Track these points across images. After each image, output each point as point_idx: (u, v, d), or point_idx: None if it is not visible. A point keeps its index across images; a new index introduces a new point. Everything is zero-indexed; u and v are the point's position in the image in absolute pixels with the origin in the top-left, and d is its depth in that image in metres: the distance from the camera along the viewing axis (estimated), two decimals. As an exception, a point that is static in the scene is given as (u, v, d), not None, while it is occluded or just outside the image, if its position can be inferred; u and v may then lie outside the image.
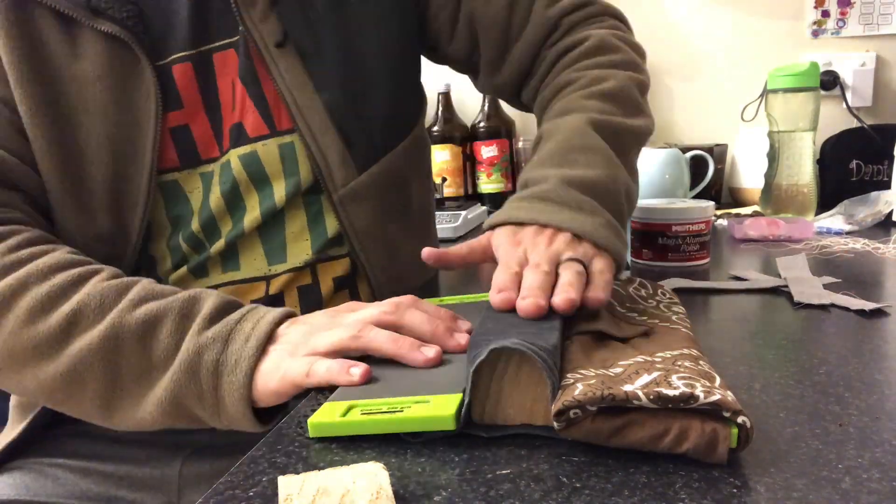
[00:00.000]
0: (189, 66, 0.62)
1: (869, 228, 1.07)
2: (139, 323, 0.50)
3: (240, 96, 0.63)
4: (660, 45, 1.55)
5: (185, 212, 0.65)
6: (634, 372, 0.39)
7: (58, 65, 0.60)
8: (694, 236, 0.82)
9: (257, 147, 0.63)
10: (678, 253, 0.82)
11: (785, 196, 1.17)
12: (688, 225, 0.81)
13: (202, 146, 0.64)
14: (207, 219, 0.64)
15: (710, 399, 0.35)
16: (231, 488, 0.36)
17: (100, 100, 0.60)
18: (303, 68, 0.63)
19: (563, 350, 0.44)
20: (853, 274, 0.77)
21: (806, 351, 0.52)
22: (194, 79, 0.63)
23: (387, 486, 0.32)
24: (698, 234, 0.82)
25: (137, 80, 0.61)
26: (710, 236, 0.84)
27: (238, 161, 0.63)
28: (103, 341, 0.50)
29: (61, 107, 0.60)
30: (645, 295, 0.58)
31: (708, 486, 0.33)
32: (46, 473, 0.64)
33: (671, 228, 0.82)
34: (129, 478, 0.64)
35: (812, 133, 1.16)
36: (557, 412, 0.36)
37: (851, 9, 1.45)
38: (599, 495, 0.33)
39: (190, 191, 0.65)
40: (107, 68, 0.60)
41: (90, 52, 0.60)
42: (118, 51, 0.60)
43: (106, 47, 0.60)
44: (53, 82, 0.59)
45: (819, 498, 0.32)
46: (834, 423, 0.40)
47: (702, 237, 0.83)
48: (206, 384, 0.49)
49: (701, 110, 1.56)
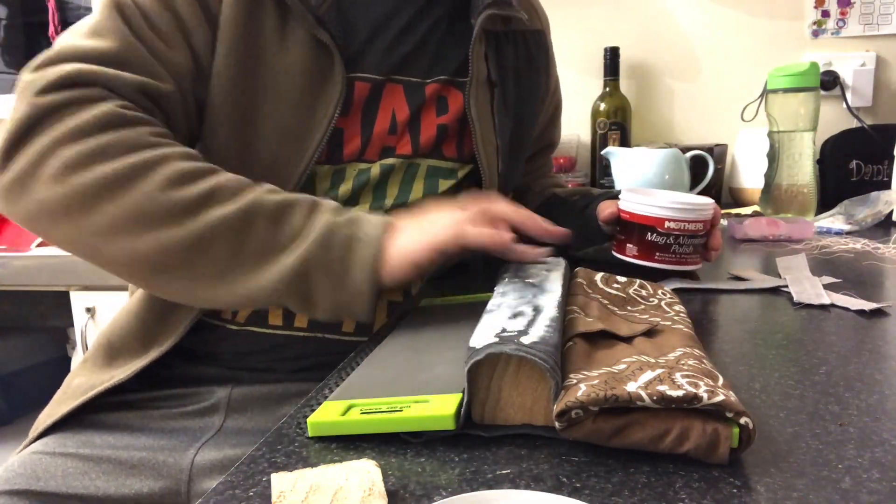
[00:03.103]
0: (368, 86, 0.70)
1: (869, 228, 1.07)
2: (274, 205, 0.56)
3: (402, 121, 0.72)
4: (660, 45, 1.55)
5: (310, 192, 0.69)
6: (638, 368, 0.39)
7: (266, 51, 0.64)
8: (689, 237, 0.71)
9: (396, 162, 0.73)
10: (667, 253, 0.71)
11: (785, 196, 1.17)
12: (684, 223, 0.70)
13: (348, 150, 0.71)
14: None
15: (713, 400, 0.35)
16: (231, 488, 0.36)
17: (291, 95, 0.65)
18: (489, 108, 0.77)
19: (564, 350, 0.44)
20: (853, 274, 0.77)
21: (806, 351, 0.52)
22: (365, 97, 0.70)
23: (379, 483, 0.32)
24: (694, 235, 0.71)
25: (327, 86, 0.66)
26: (706, 240, 0.74)
27: (378, 168, 0.72)
28: (239, 214, 0.54)
29: (255, 89, 0.65)
30: (646, 295, 0.58)
31: (708, 486, 0.33)
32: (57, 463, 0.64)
33: (664, 224, 0.71)
34: (141, 465, 0.65)
35: (812, 133, 1.16)
36: (559, 412, 0.36)
37: (851, 9, 1.45)
38: (599, 495, 0.33)
39: (319, 181, 0.71)
40: (307, 70, 0.65)
41: (297, 52, 0.65)
42: (320, 56, 0.66)
43: (311, 51, 0.65)
44: (256, 68, 0.64)
45: (819, 498, 0.32)
46: (834, 423, 0.40)
47: (697, 239, 0.72)
48: (336, 252, 0.55)
49: (701, 110, 1.56)
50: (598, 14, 1.57)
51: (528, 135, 0.88)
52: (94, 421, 0.68)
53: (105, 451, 0.66)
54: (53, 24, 2.02)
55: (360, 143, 0.71)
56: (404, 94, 0.72)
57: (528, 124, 0.87)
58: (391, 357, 0.51)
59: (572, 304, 0.52)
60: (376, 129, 0.71)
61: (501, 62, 0.79)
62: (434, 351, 0.51)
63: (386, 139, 0.72)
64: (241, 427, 0.69)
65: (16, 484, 0.62)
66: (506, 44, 0.80)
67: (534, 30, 0.85)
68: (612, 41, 1.50)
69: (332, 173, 0.71)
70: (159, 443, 0.67)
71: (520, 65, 0.82)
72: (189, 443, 0.67)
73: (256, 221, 0.55)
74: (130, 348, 0.69)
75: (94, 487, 0.63)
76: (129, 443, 0.67)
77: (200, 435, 0.68)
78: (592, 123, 1.51)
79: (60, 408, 0.69)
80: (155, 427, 0.69)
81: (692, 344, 0.44)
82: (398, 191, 0.73)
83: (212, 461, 0.66)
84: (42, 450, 0.66)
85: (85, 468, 0.64)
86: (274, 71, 0.65)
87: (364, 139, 0.71)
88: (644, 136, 1.58)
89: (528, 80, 0.84)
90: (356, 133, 0.71)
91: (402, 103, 0.72)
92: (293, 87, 0.65)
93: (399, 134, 0.73)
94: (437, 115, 0.74)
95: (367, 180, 0.71)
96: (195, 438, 0.68)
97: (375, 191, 0.72)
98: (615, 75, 1.50)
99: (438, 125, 0.74)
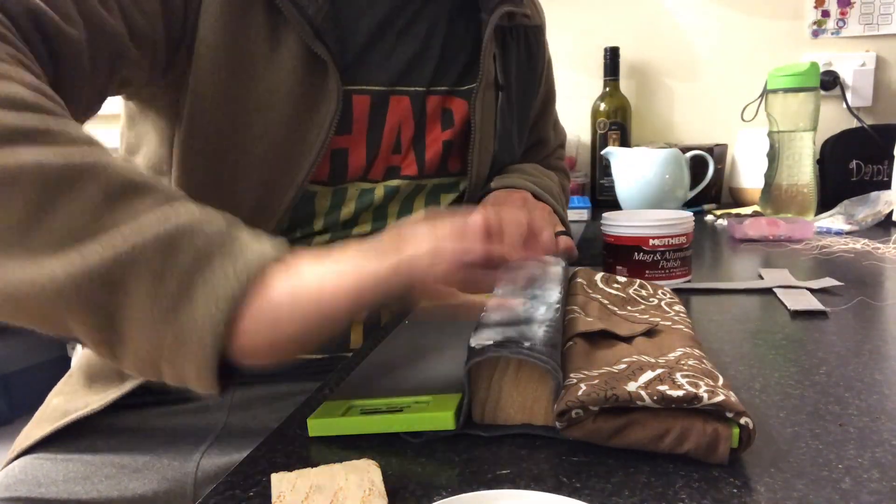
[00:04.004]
0: (368, 98, 0.65)
1: (869, 228, 1.07)
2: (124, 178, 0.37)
3: (407, 138, 0.69)
4: (660, 45, 1.55)
5: (308, 214, 0.67)
6: (638, 368, 0.39)
7: (255, 68, 0.59)
8: (674, 251, 0.73)
9: (402, 184, 0.70)
10: (656, 270, 0.73)
11: (785, 196, 1.17)
12: (667, 238, 0.72)
13: (352, 170, 0.67)
14: (329, 224, 0.68)
15: (713, 400, 0.35)
16: (231, 488, 0.36)
17: (282, 110, 0.60)
18: (493, 113, 0.74)
19: (565, 350, 0.44)
20: (853, 274, 0.77)
21: (806, 351, 0.52)
22: (368, 112, 0.66)
23: (379, 483, 0.32)
24: (679, 249, 0.73)
25: (321, 102, 0.62)
26: (692, 251, 0.76)
27: (382, 191, 0.69)
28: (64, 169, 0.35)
29: (243, 106, 0.60)
30: (646, 295, 0.58)
31: (708, 486, 0.33)
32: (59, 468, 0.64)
33: (648, 242, 0.73)
34: (145, 468, 0.65)
35: (812, 133, 1.16)
36: (560, 412, 0.36)
37: (851, 9, 1.45)
38: (599, 495, 0.33)
39: (319, 200, 0.67)
40: (298, 84, 0.60)
41: (288, 65, 0.60)
42: (314, 69, 0.61)
43: (304, 63, 0.60)
44: (245, 82, 0.59)
45: (819, 498, 0.32)
46: (834, 423, 0.40)
47: (682, 252, 0.74)
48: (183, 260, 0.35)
49: (701, 110, 1.56)
50: (598, 14, 1.57)
51: (523, 135, 0.86)
52: (96, 424, 0.68)
53: (107, 454, 0.65)
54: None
55: (364, 163, 0.67)
56: (411, 105, 0.69)
57: (524, 125, 0.85)
58: (391, 357, 0.51)
59: (572, 304, 0.52)
60: (382, 148, 0.68)
61: (506, 62, 0.77)
62: (434, 351, 0.51)
63: (390, 158, 0.69)
64: (245, 426, 0.68)
65: (17, 491, 0.61)
66: (511, 42, 0.77)
67: (534, 26, 0.82)
68: (612, 41, 1.50)
69: (332, 193, 0.68)
70: (162, 445, 0.67)
71: (521, 64, 0.80)
72: (193, 444, 0.67)
73: (84, 186, 0.35)
74: (107, 376, 0.67)
75: (96, 492, 0.62)
76: (132, 445, 0.66)
77: (204, 435, 0.68)
78: (592, 123, 1.51)
79: (37, 430, 0.67)
80: (157, 428, 0.68)
81: (692, 344, 0.44)
82: (398, 211, 0.72)
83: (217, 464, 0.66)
84: (43, 455, 0.65)
85: (87, 472, 0.64)
86: (266, 86, 0.60)
87: (369, 159, 0.67)
88: (644, 136, 1.58)
89: (528, 79, 0.82)
90: (360, 153, 0.67)
91: (408, 117, 0.69)
92: (284, 102, 0.60)
93: (404, 153, 0.69)
94: (442, 129, 0.72)
95: (371, 202, 0.68)
96: (199, 439, 0.68)
97: (376, 212, 0.70)
98: (615, 75, 1.50)
99: (444, 142, 0.71)
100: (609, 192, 1.42)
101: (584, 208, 1.36)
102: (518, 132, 0.83)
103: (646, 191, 1.20)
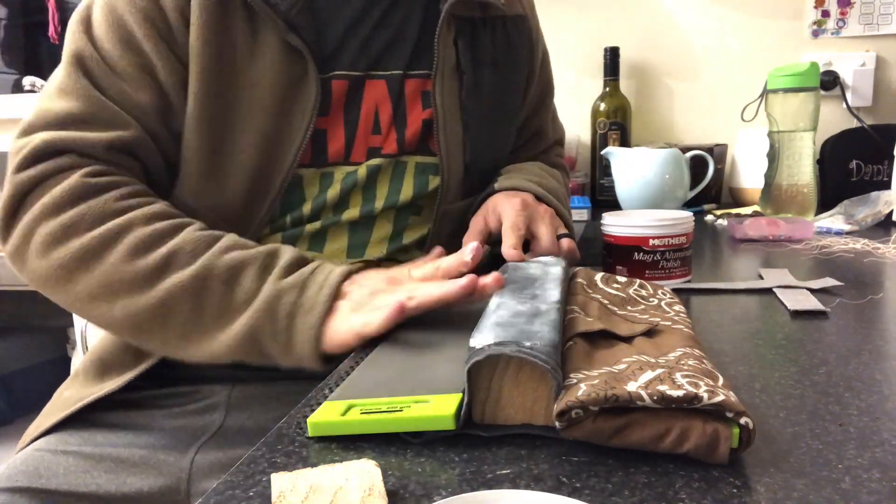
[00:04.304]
0: (346, 83, 0.70)
1: (869, 228, 1.07)
2: (226, 268, 0.58)
3: (385, 118, 0.72)
4: (660, 45, 1.55)
5: (298, 199, 0.71)
6: (638, 368, 0.39)
7: (238, 64, 0.65)
8: (674, 251, 0.73)
9: (383, 162, 0.72)
10: (657, 270, 0.73)
11: (785, 196, 1.17)
12: (667, 238, 0.72)
13: (332, 151, 0.71)
14: (318, 207, 0.71)
15: (713, 400, 0.35)
16: (231, 488, 0.36)
17: (266, 104, 0.66)
18: (457, 98, 0.75)
19: (565, 350, 0.44)
20: (853, 274, 0.77)
21: (806, 351, 0.52)
22: (344, 95, 0.70)
23: (379, 483, 0.32)
24: (679, 249, 0.73)
25: (301, 90, 0.66)
26: (692, 251, 0.76)
27: (365, 170, 0.71)
28: (193, 280, 0.57)
29: (229, 101, 0.65)
30: (646, 295, 0.58)
31: (708, 486, 0.33)
32: (59, 461, 0.64)
33: (648, 242, 0.73)
34: (142, 463, 0.65)
35: (812, 133, 1.16)
36: (560, 412, 0.36)
37: (851, 9, 1.45)
38: (599, 495, 0.33)
39: (307, 185, 0.71)
40: (279, 76, 0.65)
41: (268, 59, 0.65)
42: (292, 61, 0.66)
43: (284, 56, 0.65)
44: (230, 80, 0.65)
45: (819, 498, 0.32)
46: (834, 423, 0.40)
47: (682, 252, 0.74)
48: (281, 323, 0.56)
49: (701, 110, 1.57)
50: (598, 14, 1.57)
51: (508, 124, 0.86)
52: (96, 419, 0.69)
53: (106, 449, 0.66)
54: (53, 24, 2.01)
55: (343, 142, 0.71)
56: (387, 88, 0.72)
57: (510, 113, 0.85)
58: (391, 357, 0.51)
59: (572, 303, 0.52)
60: (360, 128, 0.71)
61: (476, 50, 0.77)
62: (434, 351, 0.51)
63: (370, 139, 0.72)
64: (241, 425, 0.69)
65: (17, 481, 0.62)
66: (483, 31, 0.78)
67: (514, 15, 0.82)
68: (612, 41, 1.50)
69: (320, 177, 0.71)
70: (160, 441, 0.67)
71: (497, 52, 0.79)
72: (189, 441, 0.68)
73: (211, 286, 0.57)
74: (122, 362, 0.69)
75: (95, 485, 0.63)
76: (131, 441, 0.67)
77: (201, 433, 0.68)
78: (592, 123, 1.51)
79: (48, 419, 0.69)
80: (156, 425, 0.69)
81: (692, 344, 0.44)
82: (388, 191, 0.73)
83: (211, 460, 0.66)
84: (45, 447, 0.66)
85: (87, 466, 0.64)
86: (250, 83, 0.65)
87: (347, 138, 0.71)
88: (644, 136, 1.58)
89: (508, 67, 0.82)
90: (339, 132, 0.71)
91: (384, 99, 0.72)
92: (267, 95, 0.65)
93: (384, 133, 0.72)
94: (422, 108, 0.74)
95: (355, 182, 0.71)
96: (196, 437, 0.68)
97: (365, 192, 0.72)
98: (615, 75, 1.50)
99: (424, 121, 0.74)
100: (609, 192, 1.41)
101: (584, 208, 1.36)
102: (505, 120, 0.84)
103: (646, 191, 1.20)
